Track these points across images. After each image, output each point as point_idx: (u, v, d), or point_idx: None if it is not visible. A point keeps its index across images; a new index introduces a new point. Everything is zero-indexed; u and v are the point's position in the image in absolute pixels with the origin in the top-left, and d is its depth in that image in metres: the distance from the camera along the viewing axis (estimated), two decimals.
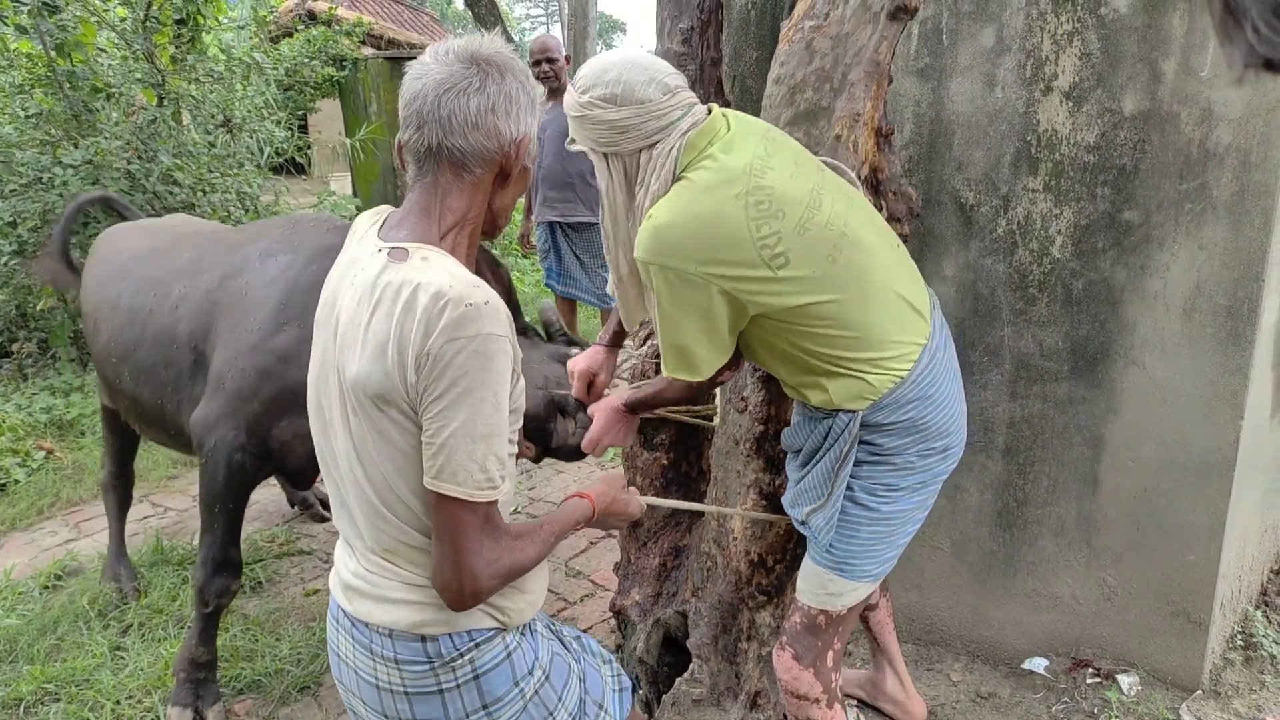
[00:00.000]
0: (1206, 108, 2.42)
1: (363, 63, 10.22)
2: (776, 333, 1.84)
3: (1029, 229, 2.70)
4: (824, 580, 2.01)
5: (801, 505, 2.02)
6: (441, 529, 1.34)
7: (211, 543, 2.78)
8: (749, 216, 1.73)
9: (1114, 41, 2.50)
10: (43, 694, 3.07)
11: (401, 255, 1.38)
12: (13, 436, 5.08)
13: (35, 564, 3.98)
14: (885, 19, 2.10)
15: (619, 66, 1.78)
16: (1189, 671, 2.77)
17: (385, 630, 1.45)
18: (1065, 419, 2.76)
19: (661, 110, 1.78)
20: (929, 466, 1.95)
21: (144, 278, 3.04)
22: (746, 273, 1.74)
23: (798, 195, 1.77)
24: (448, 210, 1.42)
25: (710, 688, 2.53)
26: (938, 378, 1.91)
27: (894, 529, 1.97)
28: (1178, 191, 2.50)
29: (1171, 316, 2.57)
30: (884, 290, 1.84)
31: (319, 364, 1.50)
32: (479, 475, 1.32)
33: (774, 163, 1.79)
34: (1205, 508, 2.63)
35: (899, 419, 1.88)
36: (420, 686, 1.45)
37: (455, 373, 1.29)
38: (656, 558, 2.76)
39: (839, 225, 1.80)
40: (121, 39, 6.53)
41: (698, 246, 1.73)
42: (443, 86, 1.37)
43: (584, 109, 1.79)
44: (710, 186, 1.74)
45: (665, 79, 1.79)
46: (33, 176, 5.71)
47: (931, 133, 2.78)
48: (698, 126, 1.80)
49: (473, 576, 1.34)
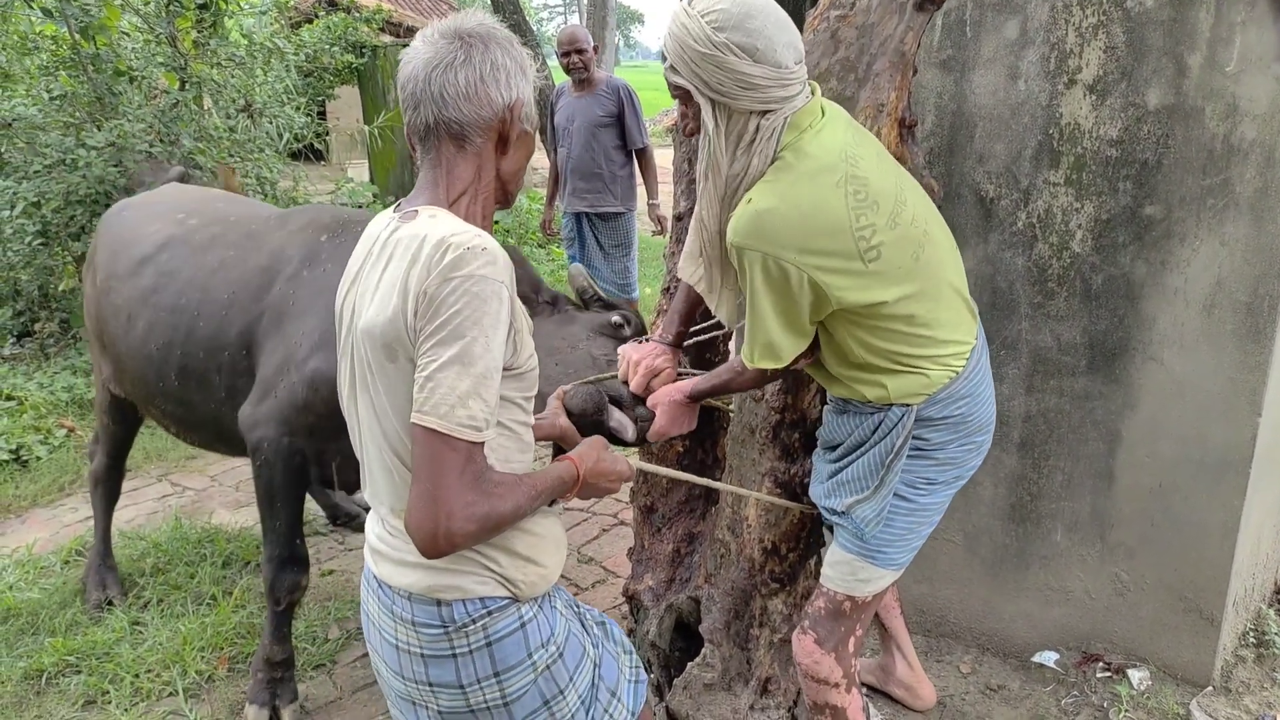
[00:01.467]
0: (1232, 103, 2.42)
1: (382, 50, 10.24)
2: (846, 327, 1.84)
3: (1049, 223, 2.70)
4: (854, 567, 2.04)
5: (841, 496, 2.03)
6: (420, 464, 1.33)
7: (275, 540, 2.76)
8: (849, 205, 1.71)
9: (1139, 35, 2.49)
10: (64, 665, 3.12)
11: (411, 215, 1.45)
12: (35, 414, 5.14)
13: (57, 539, 4.03)
14: (911, 9, 2.10)
15: (764, 16, 1.67)
16: (1200, 667, 2.77)
17: (404, 593, 1.49)
18: (1081, 414, 2.77)
19: (790, 79, 1.70)
20: (966, 461, 2.01)
21: (182, 277, 2.96)
22: (840, 264, 1.72)
23: (887, 189, 1.77)
24: (454, 180, 1.48)
25: (722, 672, 2.55)
26: (983, 376, 1.97)
27: (926, 519, 2.02)
28: (1200, 187, 2.49)
29: (1191, 312, 2.57)
30: (951, 289, 1.88)
31: (343, 337, 1.55)
32: (461, 412, 1.31)
33: (862, 152, 1.78)
34: (1220, 504, 2.63)
35: (949, 414, 1.93)
36: (435, 650, 1.48)
37: (447, 310, 1.32)
38: (670, 543, 2.78)
39: (921, 224, 1.81)
40: (145, 23, 6.58)
41: (798, 234, 1.70)
42: (431, 64, 1.42)
43: (715, 49, 1.66)
44: (812, 173, 1.71)
45: (799, 45, 1.72)
46: (57, 158, 5.76)
47: (953, 125, 2.78)
48: (803, 106, 1.75)
49: (447, 514, 1.30)
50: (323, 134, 9.26)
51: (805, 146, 1.73)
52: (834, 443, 2.07)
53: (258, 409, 2.68)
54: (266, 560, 2.79)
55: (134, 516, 4.22)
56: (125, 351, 3.07)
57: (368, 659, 3.17)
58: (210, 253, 2.97)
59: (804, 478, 2.34)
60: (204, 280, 2.90)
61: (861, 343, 1.85)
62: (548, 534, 1.59)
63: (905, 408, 1.91)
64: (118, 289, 3.10)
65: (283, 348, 2.67)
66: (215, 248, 2.98)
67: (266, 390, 2.67)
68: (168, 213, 3.21)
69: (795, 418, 2.34)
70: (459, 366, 1.31)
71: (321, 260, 2.76)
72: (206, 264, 2.94)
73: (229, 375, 2.82)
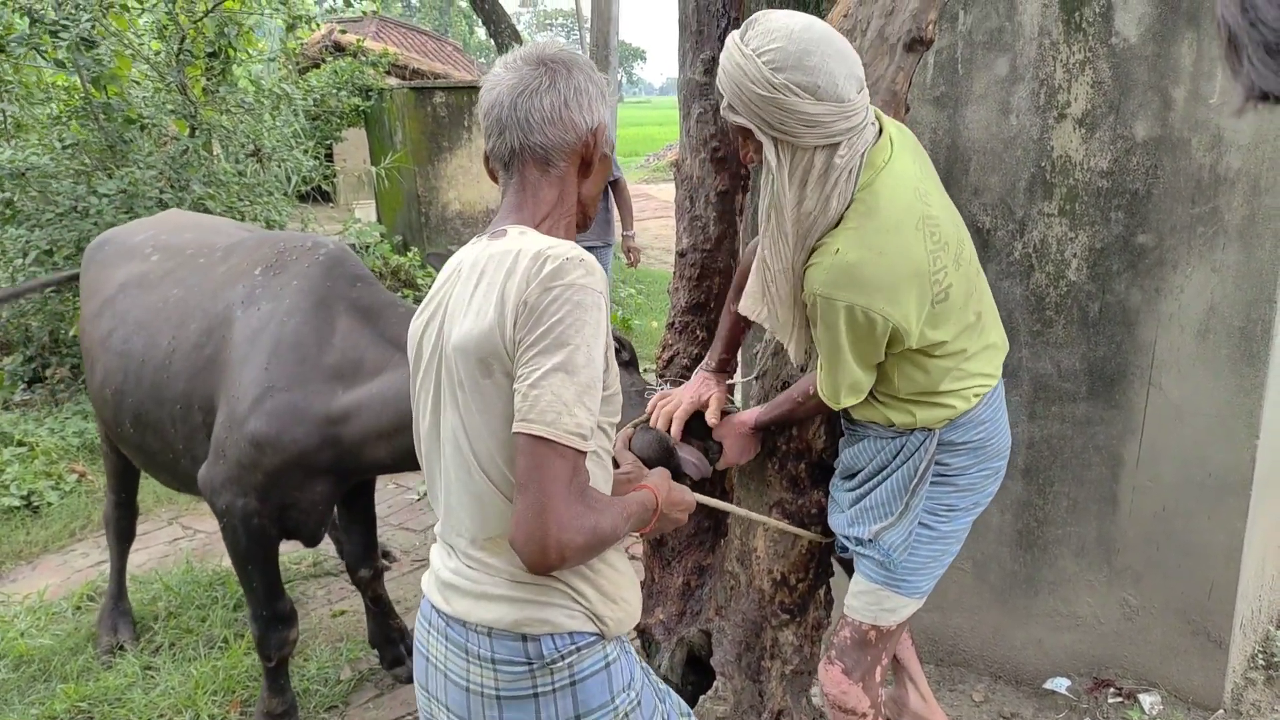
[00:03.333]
0: (1217, 134, 2.47)
1: (388, 92, 10.38)
2: (898, 361, 1.86)
3: (1045, 252, 2.74)
4: (880, 597, 2.04)
5: (864, 524, 2.03)
6: (527, 474, 1.29)
7: (254, 601, 2.74)
8: (928, 250, 1.72)
9: (1125, 70, 2.56)
10: (76, 712, 3.13)
11: (500, 234, 1.46)
12: (46, 460, 5.17)
13: (68, 585, 4.05)
14: (902, 50, 2.16)
15: (821, 53, 1.60)
16: (1210, 691, 2.78)
17: (484, 629, 1.43)
18: (1084, 439, 2.79)
19: (854, 110, 1.64)
20: (984, 487, 2.02)
21: (130, 319, 2.90)
22: (918, 308, 1.74)
23: (952, 229, 1.79)
24: (540, 203, 1.49)
25: (734, 705, 2.56)
26: (1001, 402, 2.00)
27: (948, 547, 2.03)
28: (1190, 215, 2.54)
29: (1186, 337, 2.61)
30: (992, 324, 1.93)
31: (424, 364, 1.52)
32: (568, 419, 1.28)
33: (929, 186, 1.80)
34: (1223, 527, 2.65)
35: (969, 439, 1.94)
36: (515, 690, 1.43)
37: (549, 320, 1.32)
38: (680, 577, 2.79)
39: (975, 262, 1.86)
40: (155, 71, 6.70)
41: (887, 284, 1.69)
42: (516, 90, 1.45)
43: (775, 91, 1.60)
44: (896, 220, 1.70)
45: (859, 72, 1.65)
46: (68, 206, 5.85)
47: (948, 159, 2.84)
48: (874, 142, 1.71)
49: (558, 525, 1.26)
50: (330, 176, 9.38)
51: (881, 188, 1.69)
52: (853, 470, 2.06)
53: (213, 472, 2.61)
54: (252, 619, 2.76)
55: (145, 560, 4.24)
56: (92, 393, 3.07)
57: (380, 699, 3.20)
58: (157, 291, 2.89)
59: (811, 509, 2.37)
60: (150, 323, 2.83)
61: (907, 376, 1.87)
62: (626, 570, 1.55)
63: (927, 432, 1.92)
64: (87, 331, 3.09)
65: (226, 405, 2.58)
66: (163, 286, 2.90)
67: (219, 451, 2.59)
68: (138, 248, 3.14)
69: (800, 448, 2.37)
70: (563, 375, 1.30)
71: (256, 299, 2.66)
72: (152, 304, 2.87)
73: (183, 426, 2.75)
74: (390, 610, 3.32)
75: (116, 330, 2.90)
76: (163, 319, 2.80)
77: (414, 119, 9.88)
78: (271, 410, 2.49)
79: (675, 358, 2.71)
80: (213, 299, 2.74)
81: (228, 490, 2.57)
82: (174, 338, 2.74)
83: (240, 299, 2.68)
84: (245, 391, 2.53)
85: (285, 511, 2.62)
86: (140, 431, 2.86)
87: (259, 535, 2.62)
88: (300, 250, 2.76)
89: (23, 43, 5.60)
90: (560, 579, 1.44)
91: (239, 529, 2.60)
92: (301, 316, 2.58)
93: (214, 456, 2.60)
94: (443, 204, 10.15)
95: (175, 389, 2.72)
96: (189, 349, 2.70)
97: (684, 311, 2.69)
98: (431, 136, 9.97)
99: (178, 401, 2.72)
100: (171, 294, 2.85)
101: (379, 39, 14.48)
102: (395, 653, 3.31)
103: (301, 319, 2.58)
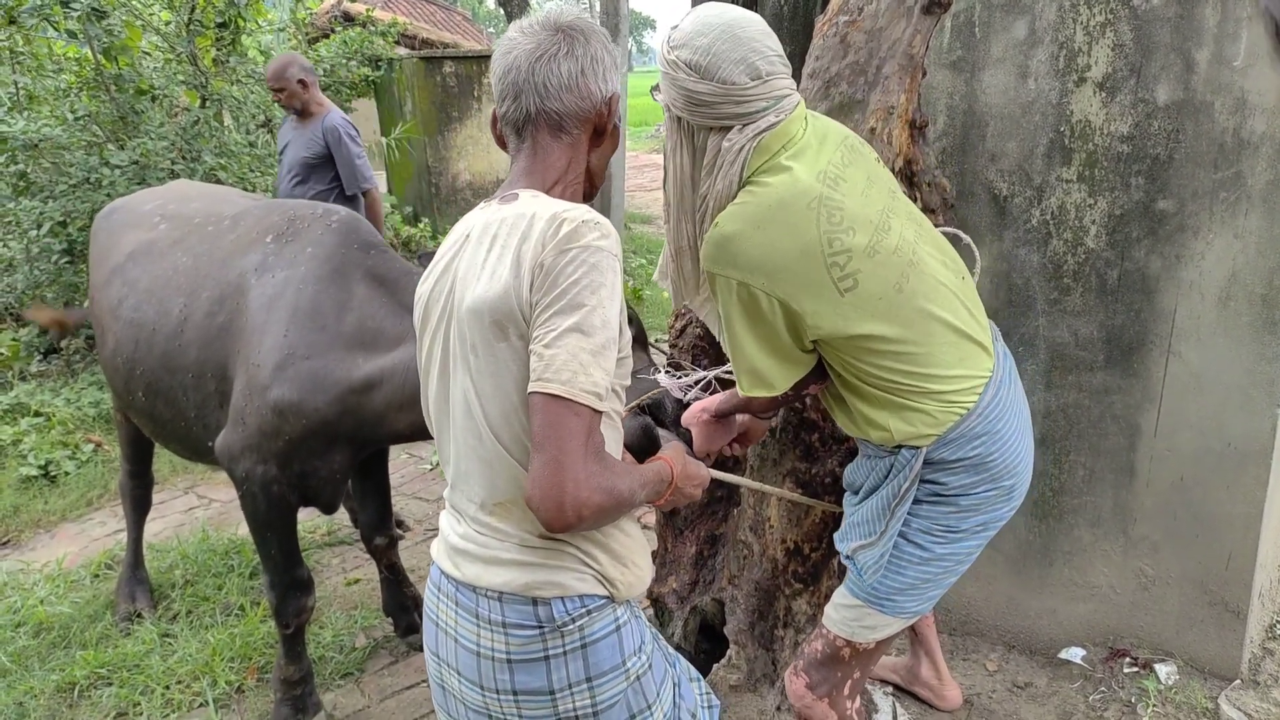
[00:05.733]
0: (1240, 97, 2.42)
1: (398, 63, 10.32)
2: (834, 357, 1.78)
3: (1063, 219, 2.70)
4: (861, 613, 1.92)
5: (849, 539, 1.93)
6: (543, 432, 1.29)
7: (273, 568, 2.74)
8: (821, 229, 1.65)
9: (1146, 32, 2.50)
10: (96, 678, 3.17)
11: (512, 198, 1.45)
12: (62, 430, 5.22)
13: (86, 553, 4.09)
14: (919, 13, 2.12)
15: (715, 33, 1.66)
16: (1227, 661, 2.77)
17: (494, 593, 1.43)
18: (1101, 408, 2.77)
19: (744, 97, 1.66)
20: (993, 508, 1.86)
21: (141, 287, 2.89)
22: (813, 291, 1.67)
23: (868, 215, 1.69)
24: (550, 168, 1.49)
25: (747, 674, 2.57)
26: (1003, 413, 1.81)
27: (945, 570, 1.89)
28: (1212, 180, 2.50)
29: (1207, 305, 2.57)
30: (942, 325, 1.75)
31: (431, 328, 1.51)
32: (583, 379, 1.29)
33: (847, 174, 1.72)
34: (1242, 496, 2.63)
35: (965, 456, 1.79)
36: (526, 653, 1.43)
37: (565, 281, 1.32)
38: (693, 546, 2.80)
39: (907, 253, 1.72)
40: (165, 42, 6.68)
41: (765, 259, 1.65)
42: (534, 55, 1.44)
43: (669, 67, 1.70)
44: (783, 201, 1.66)
45: (758, 62, 1.66)
46: (81, 177, 5.86)
47: (965, 124, 2.80)
48: (774, 128, 1.69)
49: (574, 482, 1.26)
50: None
51: (774, 172, 1.69)
52: (855, 485, 1.98)
53: (232, 439, 2.60)
54: (268, 587, 2.77)
55: (161, 529, 4.28)
56: (104, 362, 3.07)
57: (395, 666, 3.22)
58: (167, 260, 2.88)
59: (824, 478, 2.36)
60: (160, 291, 2.82)
61: (852, 370, 1.77)
62: (637, 536, 1.55)
63: (914, 450, 1.80)
64: (97, 299, 3.09)
65: (245, 372, 2.57)
66: (173, 254, 2.89)
67: (238, 418, 2.58)
68: (146, 216, 3.14)
69: (816, 417, 2.36)
70: (579, 335, 1.30)
71: (270, 266, 2.65)
72: (162, 273, 2.86)
73: (195, 394, 2.74)
74: (404, 578, 3.34)
75: (127, 298, 2.90)
76: (173, 287, 2.80)
77: (424, 89, 9.82)
78: (294, 377, 2.49)
79: (688, 327, 2.70)
80: (223, 267, 2.73)
81: (247, 457, 2.57)
82: (185, 305, 2.73)
83: (254, 266, 2.67)
84: (266, 358, 2.52)
85: (304, 479, 2.62)
86: (152, 400, 2.86)
87: (278, 502, 2.63)
88: (312, 218, 2.75)
89: (34, 13, 5.58)
90: (571, 542, 1.44)
91: (258, 495, 2.61)
92: (319, 284, 2.58)
93: (233, 423, 2.60)
94: (453, 174, 10.11)
95: (188, 357, 2.71)
96: (201, 317, 2.69)
97: None
98: (441, 107, 9.91)
99: (190, 370, 2.72)
100: (181, 261, 2.84)
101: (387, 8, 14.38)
102: (409, 620, 3.33)
103: (319, 286, 2.57)
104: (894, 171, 2.18)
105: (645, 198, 14.10)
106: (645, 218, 12.17)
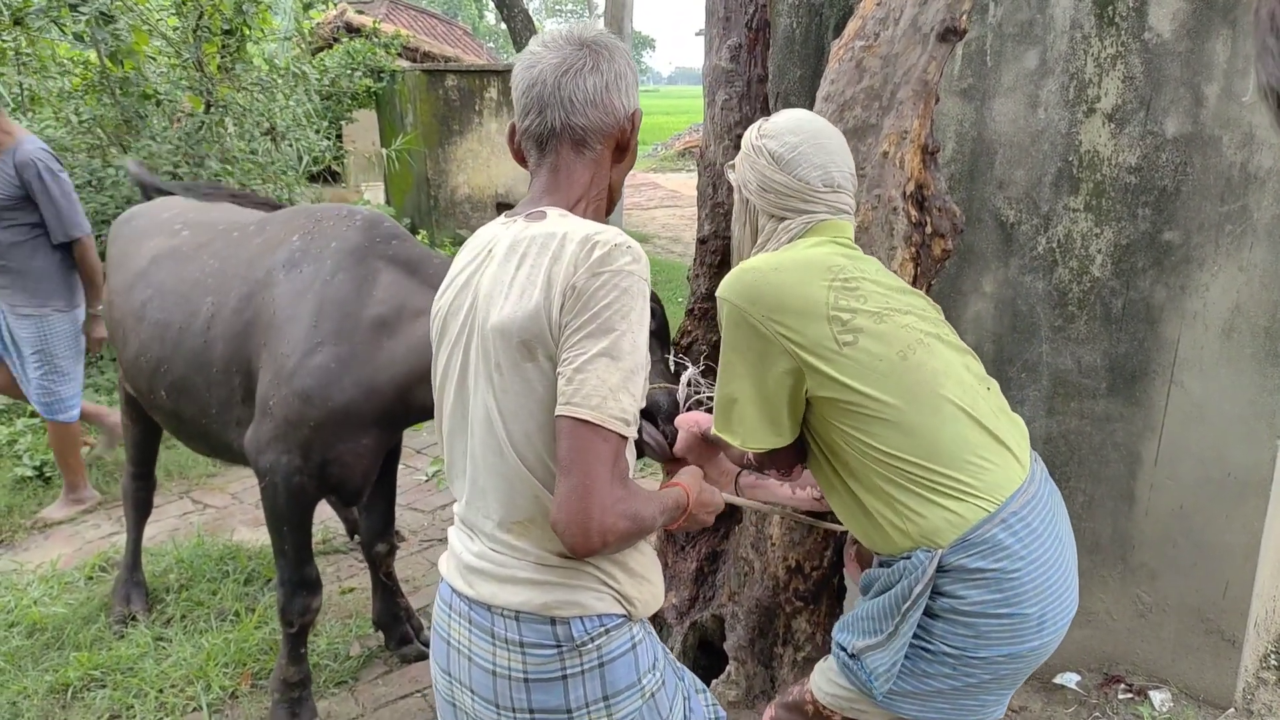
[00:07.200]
0: (1249, 132, 2.46)
1: (400, 74, 10.37)
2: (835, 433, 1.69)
3: (1069, 247, 2.74)
4: (853, 698, 1.80)
5: (853, 633, 1.77)
6: (570, 457, 1.29)
7: (285, 564, 2.75)
8: (830, 287, 1.68)
9: (1157, 65, 2.54)
10: (89, 680, 3.15)
11: (539, 216, 1.44)
12: None
13: (80, 555, 4.07)
14: (934, 40, 2.15)
15: (804, 136, 1.77)
16: (1222, 689, 2.78)
17: (510, 613, 1.42)
18: (1102, 435, 2.79)
19: (811, 196, 1.77)
20: (1019, 639, 1.63)
21: (167, 289, 2.93)
22: (811, 338, 1.64)
23: (883, 294, 1.71)
24: (574, 184, 1.48)
25: (746, 690, 2.57)
26: (1043, 536, 1.63)
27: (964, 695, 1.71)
28: (1218, 213, 2.53)
29: (1210, 336, 2.60)
30: (960, 406, 1.65)
31: (449, 344, 1.50)
32: (612, 404, 1.29)
33: (880, 277, 1.76)
34: (1241, 526, 2.65)
35: (989, 567, 1.59)
36: (543, 672, 1.42)
37: (597, 304, 1.32)
38: (694, 562, 2.80)
39: (917, 333, 1.68)
40: (171, 47, 6.70)
41: (772, 297, 1.67)
42: (560, 69, 1.43)
43: (754, 152, 1.80)
44: (808, 260, 1.72)
45: (834, 173, 1.78)
46: (84, 179, 5.86)
47: (974, 151, 2.83)
48: (827, 221, 1.79)
49: (601, 508, 1.27)
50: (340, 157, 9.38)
51: (814, 245, 1.77)
52: (867, 585, 1.84)
53: (259, 431, 2.63)
54: (279, 584, 2.78)
55: (156, 533, 4.25)
56: (126, 363, 3.11)
57: (389, 676, 3.21)
58: (193, 263, 2.93)
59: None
60: (187, 292, 2.86)
61: (857, 447, 1.66)
62: (650, 553, 1.55)
63: (929, 552, 1.62)
64: (117, 304, 3.12)
65: (272, 363, 2.60)
66: (199, 258, 2.94)
67: (264, 410, 2.62)
68: (167, 223, 3.17)
69: None
70: (609, 360, 1.30)
71: (298, 262, 2.69)
72: (189, 275, 2.90)
73: (220, 390, 2.78)
74: (398, 588, 3.33)
75: (152, 300, 2.94)
76: (201, 289, 2.84)
77: (425, 101, 9.87)
78: (320, 364, 2.54)
79: (694, 344, 2.72)
80: (251, 266, 2.78)
81: (273, 448, 2.61)
82: (213, 304, 2.78)
83: (282, 263, 2.72)
84: (294, 349, 2.57)
85: (327, 468, 2.66)
86: (176, 398, 2.90)
87: (298, 493, 2.66)
88: (337, 217, 2.82)
89: (42, 15, 5.60)
90: (590, 560, 1.43)
91: (279, 486, 2.64)
92: (345, 274, 2.63)
93: (260, 416, 2.64)
94: (452, 187, 10.15)
95: (214, 353, 2.76)
96: (229, 314, 2.74)
97: (704, 298, 2.69)
98: (442, 119, 9.96)
99: (215, 365, 2.76)
100: (209, 265, 2.89)
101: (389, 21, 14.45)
102: (402, 631, 3.32)
103: (345, 276, 2.63)
104: (905, 196, 2.21)
105: (642, 216, 14.16)
106: (642, 236, 12.21)
